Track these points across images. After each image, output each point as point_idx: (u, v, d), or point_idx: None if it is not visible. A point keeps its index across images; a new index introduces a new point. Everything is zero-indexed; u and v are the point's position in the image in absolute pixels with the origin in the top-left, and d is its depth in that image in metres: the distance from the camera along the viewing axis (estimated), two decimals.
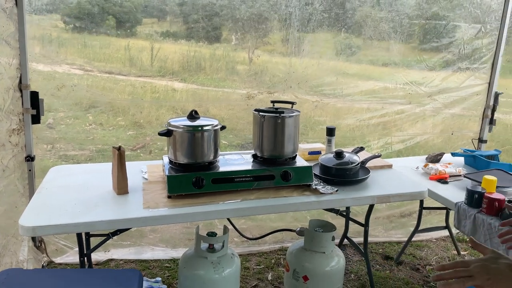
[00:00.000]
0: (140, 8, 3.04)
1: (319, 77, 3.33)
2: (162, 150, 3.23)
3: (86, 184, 2.14)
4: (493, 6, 3.37)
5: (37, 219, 1.73)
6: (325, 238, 2.34)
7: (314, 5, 3.10)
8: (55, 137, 2.88)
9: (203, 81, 3.29)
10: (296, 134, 2.28)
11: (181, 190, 1.99)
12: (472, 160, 2.92)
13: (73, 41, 2.92)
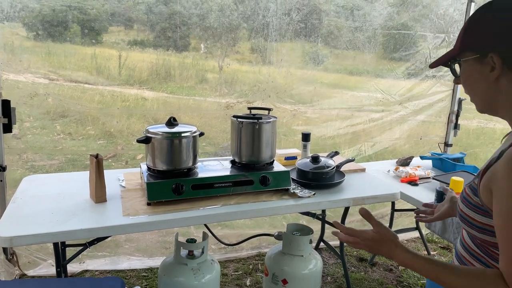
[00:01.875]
0: (106, 16, 2.99)
1: (296, 87, 3.40)
2: (134, 159, 3.20)
3: (62, 193, 2.11)
4: (455, 17, 3.56)
5: (14, 229, 1.70)
6: (303, 242, 2.39)
7: (291, 15, 3.17)
8: (22, 147, 2.81)
9: (173, 89, 3.30)
10: (274, 140, 2.33)
11: (160, 197, 1.99)
12: (439, 163, 3.05)
13: (36, 49, 2.85)
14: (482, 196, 0.98)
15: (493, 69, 0.98)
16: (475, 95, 1.07)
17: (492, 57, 0.98)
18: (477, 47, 1.02)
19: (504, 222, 0.90)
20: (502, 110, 1.03)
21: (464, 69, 1.07)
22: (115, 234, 2.42)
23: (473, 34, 1.04)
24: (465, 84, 1.09)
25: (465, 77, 1.07)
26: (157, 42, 3.17)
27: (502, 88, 1.00)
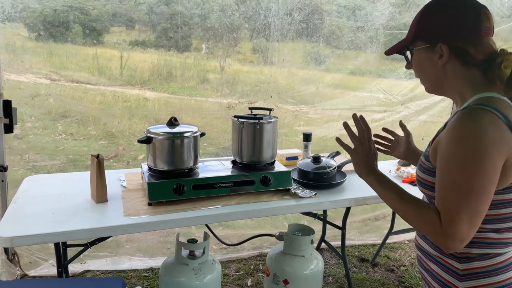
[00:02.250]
0: (108, 17, 2.99)
1: (298, 87, 3.39)
2: (136, 160, 3.21)
3: (63, 193, 2.11)
4: None
5: (15, 229, 1.70)
6: (304, 242, 2.38)
7: (293, 15, 3.17)
8: (24, 147, 2.81)
9: (175, 90, 3.30)
10: (275, 140, 2.32)
11: (161, 197, 1.99)
12: None
13: (38, 49, 2.85)
14: (432, 160, 1.14)
15: (441, 57, 1.15)
16: (425, 79, 1.24)
17: (441, 47, 1.14)
18: (427, 38, 1.17)
19: (440, 172, 1.08)
20: (448, 91, 1.22)
21: (416, 56, 1.22)
22: (116, 234, 2.42)
23: (424, 26, 1.19)
24: (416, 70, 1.25)
25: (416, 63, 1.23)
26: (158, 43, 3.17)
27: (448, 73, 1.17)
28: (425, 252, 1.24)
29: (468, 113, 1.07)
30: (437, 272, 1.20)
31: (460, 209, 1.02)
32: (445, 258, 1.17)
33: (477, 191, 1.01)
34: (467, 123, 1.05)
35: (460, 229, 1.01)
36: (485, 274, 1.12)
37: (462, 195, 1.02)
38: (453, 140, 1.05)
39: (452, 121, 1.10)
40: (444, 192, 1.06)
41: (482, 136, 1.01)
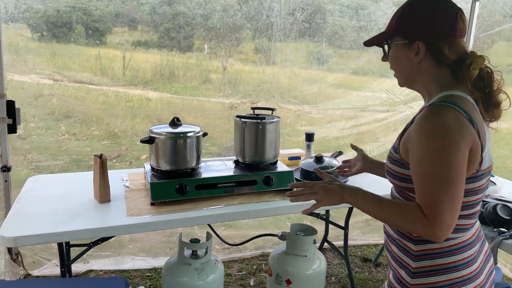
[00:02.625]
0: (110, 17, 3.00)
1: (300, 87, 3.39)
2: (138, 160, 3.21)
3: (66, 193, 2.11)
4: None
5: (18, 229, 1.70)
6: (306, 242, 2.38)
7: (295, 15, 3.16)
8: (27, 147, 2.82)
9: (177, 90, 3.30)
10: (277, 140, 2.32)
11: (164, 197, 1.99)
12: None
13: (41, 50, 2.87)
14: (401, 153, 1.21)
15: (418, 54, 1.21)
16: (399, 73, 1.30)
17: (418, 44, 1.19)
18: (407, 34, 1.22)
19: (416, 166, 1.14)
20: (418, 86, 1.28)
21: (393, 50, 1.27)
22: (119, 234, 2.42)
23: (404, 22, 1.23)
24: (392, 63, 1.30)
25: (393, 57, 1.28)
26: (161, 43, 3.18)
27: (421, 69, 1.23)
28: (389, 235, 1.33)
29: (432, 110, 1.14)
30: (395, 252, 1.29)
31: (442, 199, 1.08)
32: (403, 240, 1.26)
33: (454, 179, 1.08)
34: (433, 119, 1.12)
35: (445, 218, 1.07)
36: (436, 255, 1.20)
37: (442, 186, 1.08)
38: (423, 136, 1.11)
39: (418, 117, 1.16)
40: (424, 185, 1.12)
41: (448, 128, 1.08)
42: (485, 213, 2.08)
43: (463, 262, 1.20)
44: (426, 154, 1.10)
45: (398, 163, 1.23)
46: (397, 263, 1.28)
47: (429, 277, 1.20)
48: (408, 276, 1.23)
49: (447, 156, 1.08)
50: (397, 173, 1.24)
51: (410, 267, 1.22)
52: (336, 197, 1.30)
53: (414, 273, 1.21)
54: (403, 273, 1.25)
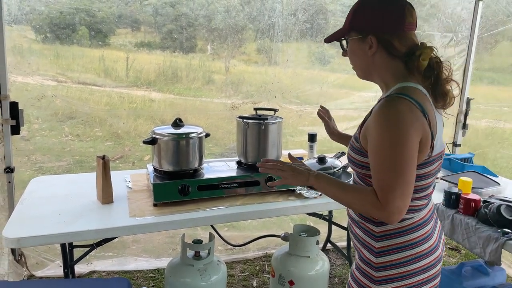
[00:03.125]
0: (114, 19, 3.00)
1: (302, 87, 3.39)
2: (142, 160, 3.21)
3: (69, 194, 2.12)
4: (463, 16, 3.52)
5: (22, 230, 1.71)
6: (309, 243, 2.38)
7: (297, 16, 3.16)
8: (31, 148, 2.83)
9: (180, 91, 3.30)
10: (280, 140, 2.32)
11: (167, 198, 1.99)
12: (448, 163, 3.02)
13: (45, 52, 2.88)
14: (361, 142, 1.30)
15: (371, 47, 1.30)
16: (357, 66, 1.40)
17: (371, 38, 1.29)
18: (360, 29, 1.32)
19: (372, 155, 1.24)
20: (375, 78, 1.38)
21: (350, 45, 1.37)
22: (121, 235, 2.43)
23: (357, 19, 1.33)
24: (350, 57, 1.39)
25: (350, 51, 1.38)
26: (164, 44, 3.18)
27: (376, 62, 1.33)
28: (352, 219, 1.43)
29: (388, 101, 1.23)
30: (359, 234, 1.39)
31: (394, 186, 1.18)
32: (366, 223, 1.36)
33: (405, 166, 1.19)
34: (388, 110, 1.21)
35: (396, 202, 1.18)
36: (396, 234, 1.30)
37: (394, 174, 1.18)
38: (379, 126, 1.21)
39: (376, 108, 1.25)
40: (378, 172, 1.22)
41: (402, 120, 1.18)
42: (488, 214, 2.07)
43: (420, 239, 1.31)
44: (381, 144, 1.20)
45: (359, 151, 1.32)
46: (361, 245, 1.37)
47: (392, 255, 1.30)
48: (372, 255, 1.33)
49: (399, 147, 1.17)
50: (357, 161, 1.33)
51: (374, 247, 1.32)
52: (302, 178, 1.37)
53: (378, 253, 1.32)
54: (367, 253, 1.34)
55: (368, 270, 1.34)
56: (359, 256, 1.39)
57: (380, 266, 1.31)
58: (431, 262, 1.33)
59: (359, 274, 1.38)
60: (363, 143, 1.30)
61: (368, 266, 1.34)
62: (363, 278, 1.35)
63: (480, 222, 2.09)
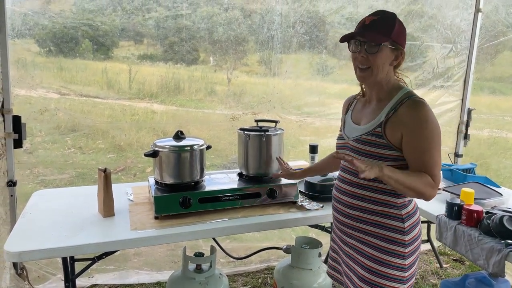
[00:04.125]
0: (117, 31, 3.03)
1: (301, 98, 3.40)
2: (144, 172, 3.22)
3: (71, 207, 2.12)
4: (463, 27, 3.55)
5: (23, 244, 1.71)
6: (311, 255, 2.37)
7: (296, 28, 3.19)
8: (33, 161, 2.84)
9: (182, 102, 3.31)
10: (281, 152, 2.32)
11: (168, 211, 1.99)
12: (449, 174, 3.01)
13: (49, 64, 2.90)
14: (390, 138, 1.53)
15: (397, 59, 1.58)
16: (378, 68, 1.55)
17: (401, 52, 1.57)
18: (396, 43, 1.55)
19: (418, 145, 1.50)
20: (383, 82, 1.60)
21: (383, 51, 1.54)
22: (122, 248, 2.41)
23: (397, 33, 1.55)
24: (378, 60, 1.54)
25: (382, 56, 1.54)
26: (166, 56, 3.20)
27: (391, 70, 1.60)
28: (369, 211, 1.61)
29: (419, 102, 1.52)
30: (384, 222, 1.59)
31: (438, 163, 1.52)
32: (389, 209, 1.59)
33: (440, 154, 1.53)
34: (424, 108, 1.50)
35: (439, 177, 1.54)
36: (414, 213, 1.65)
37: (437, 154, 1.51)
38: (422, 121, 1.48)
39: (407, 108, 1.51)
40: (427, 157, 1.50)
41: (435, 118, 1.51)
42: (491, 225, 2.05)
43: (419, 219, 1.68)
44: (426, 134, 1.48)
45: (386, 146, 1.53)
46: (386, 229, 1.58)
47: (415, 229, 1.63)
48: (401, 235, 1.58)
49: (437, 135, 1.51)
50: (386, 155, 1.54)
51: (402, 228, 1.58)
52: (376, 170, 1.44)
53: (406, 231, 1.59)
54: (395, 234, 1.58)
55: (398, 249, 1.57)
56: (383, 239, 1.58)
57: (410, 242, 1.59)
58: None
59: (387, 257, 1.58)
60: (390, 138, 1.52)
61: (399, 245, 1.57)
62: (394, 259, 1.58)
63: (483, 233, 2.07)
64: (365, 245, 1.63)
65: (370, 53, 1.53)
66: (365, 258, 1.62)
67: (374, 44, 1.52)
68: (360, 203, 1.62)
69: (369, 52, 1.53)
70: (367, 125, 1.61)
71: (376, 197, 1.59)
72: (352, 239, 1.67)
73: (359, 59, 1.56)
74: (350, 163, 1.44)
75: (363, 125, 1.64)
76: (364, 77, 1.58)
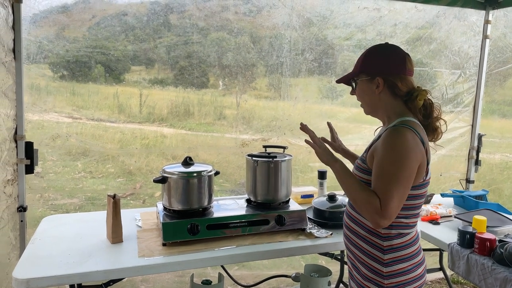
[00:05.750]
0: (129, 57, 3.10)
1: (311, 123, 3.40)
2: (152, 197, 3.22)
3: (80, 233, 2.13)
4: (471, 53, 3.56)
5: (31, 271, 1.71)
6: (321, 283, 2.33)
7: (305, 55, 3.24)
8: (44, 186, 2.86)
9: (192, 126, 3.34)
10: (289, 178, 2.32)
11: (176, 237, 1.99)
12: (461, 201, 2.97)
13: (61, 89, 2.96)
14: (368, 163, 1.56)
15: (378, 87, 1.59)
16: (365, 103, 1.67)
17: (378, 79, 1.58)
18: (370, 72, 1.60)
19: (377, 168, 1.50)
20: (380, 114, 1.65)
21: (359, 86, 1.64)
22: (130, 276, 2.40)
23: (367, 63, 1.62)
24: (359, 95, 1.67)
25: (360, 91, 1.65)
26: (177, 80, 3.26)
27: (381, 100, 1.61)
28: (356, 233, 1.62)
29: (396, 130, 1.50)
30: (365, 248, 1.59)
31: (393, 193, 1.43)
32: (372, 237, 1.57)
33: (403, 181, 1.45)
34: (396, 136, 1.48)
35: (391, 209, 1.43)
36: (401, 248, 1.56)
37: (394, 184, 1.44)
38: (387, 147, 1.48)
39: (385, 134, 1.51)
40: (381, 182, 1.47)
41: (406, 145, 1.45)
42: (505, 254, 2.00)
43: (417, 251, 1.60)
44: (386, 159, 1.47)
45: (365, 171, 1.58)
46: (368, 257, 1.58)
47: (398, 264, 1.55)
48: (381, 265, 1.55)
49: (401, 162, 1.44)
50: (363, 179, 1.58)
51: (382, 259, 1.55)
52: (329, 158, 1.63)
53: (386, 263, 1.54)
54: (376, 264, 1.56)
55: (377, 279, 1.55)
56: (366, 267, 1.59)
57: (389, 275, 1.54)
58: (422, 271, 1.62)
59: (368, 283, 1.57)
60: (369, 164, 1.55)
61: (378, 275, 1.55)
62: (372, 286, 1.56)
63: (496, 262, 2.02)
64: (353, 268, 1.68)
65: (352, 94, 1.70)
66: (353, 280, 1.69)
67: (350, 85, 1.68)
68: (353, 225, 1.65)
69: (351, 93, 1.70)
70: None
71: (362, 221, 1.61)
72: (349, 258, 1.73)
73: None
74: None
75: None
76: (364, 111, 1.71)
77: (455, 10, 3.47)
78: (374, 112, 1.67)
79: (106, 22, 2.98)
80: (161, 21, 3.05)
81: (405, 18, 3.42)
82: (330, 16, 3.28)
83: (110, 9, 3.04)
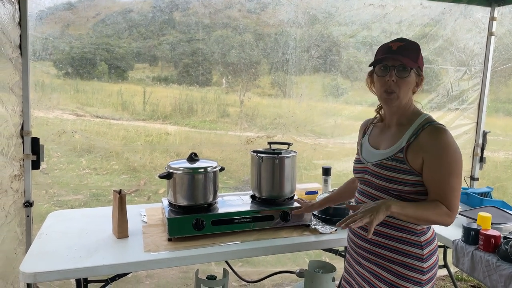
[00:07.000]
0: (133, 54, 3.11)
1: (316, 120, 3.40)
2: (157, 194, 3.24)
3: (86, 228, 2.14)
4: (476, 50, 3.55)
5: (38, 265, 1.73)
6: (325, 279, 2.32)
7: (310, 52, 3.23)
8: (49, 182, 2.88)
9: (196, 123, 3.34)
10: (294, 174, 2.32)
11: (181, 233, 2.00)
12: (466, 198, 2.96)
13: (65, 87, 2.97)
14: (410, 163, 1.54)
15: (418, 85, 1.62)
16: (405, 94, 1.59)
17: (422, 78, 1.62)
18: (419, 69, 1.61)
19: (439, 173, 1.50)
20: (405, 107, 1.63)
21: (411, 75, 1.58)
22: (135, 271, 2.42)
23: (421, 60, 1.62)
24: (406, 85, 1.58)
25: (409, 81, 1.58)
26: (180, 78, 3.26)
27: (410, 97, 1.64)
28: (387, 236, 1.60)
29: (441, 129, 1.54)
30: (402, 248, 1.58)
31: (456, 192, 1.51)
32: (408, 235, 1.58)
33: (460, 181, 1.53)
34: (445, 136, 1.52)
35: (457, 205, 1.52)
36: (433, 239, 1.63)
37: (456, 185, 1.51)
38: (445, 149, 1.50)
39: (429, 134, 1.53)
40: (445, 184, 1.50)
41: (456, 145, 1.52)
42: (509, 251, 2.00)
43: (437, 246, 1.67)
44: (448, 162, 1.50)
45: (407, 172, 1.54)
46: (406, 256, 1.57)
47: (433, 256, 1.61)
48: (420, 262, 1.57)
49: (459, 164, 1.52)
50: (407, 180, 1.54)
51: (421, 255, 1.57)
52: (382, 212, 1.45)
53: (426, 258, 1.58)
54: (413, 261, 1.56)
55: (416, 276, 1.56)
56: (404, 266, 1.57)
57: (428, 269, 1.58)
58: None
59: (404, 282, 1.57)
60: (412, 163, 1.53)
61: (417, 272, 1.56)
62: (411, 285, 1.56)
63: (501, 259, 2.02)
64: (382, 269, 1.61)
65: (400, 77, 1.55)
66: (382, 282, 1.60)
67: (403, 69, 1.55)
68: (378, 228, 1.58)
69: (399, 76, 1.55)
70: (387, 150, 1.61)
71: (394, 222, 1.57)
72: (369, 263, 1.65)
73: (388, 83, 1.56)
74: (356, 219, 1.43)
75: (383, 150, 1.64)
76: (391, 100, 1.59)
77: (460, 7, 3.46)
78: (399, 105, 1.60)
79: (111, 19, 2.98)
80: (166, 18, 3.05)
81: (410, 15, 3.41)
82: (335, 13, 3.27)
83: (115, 6, 3.04)
